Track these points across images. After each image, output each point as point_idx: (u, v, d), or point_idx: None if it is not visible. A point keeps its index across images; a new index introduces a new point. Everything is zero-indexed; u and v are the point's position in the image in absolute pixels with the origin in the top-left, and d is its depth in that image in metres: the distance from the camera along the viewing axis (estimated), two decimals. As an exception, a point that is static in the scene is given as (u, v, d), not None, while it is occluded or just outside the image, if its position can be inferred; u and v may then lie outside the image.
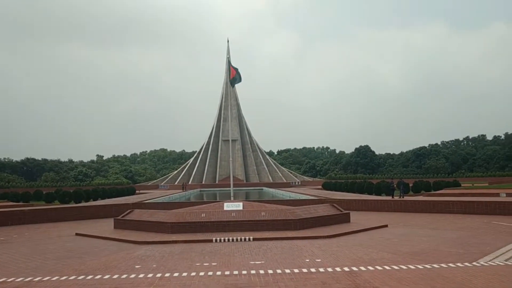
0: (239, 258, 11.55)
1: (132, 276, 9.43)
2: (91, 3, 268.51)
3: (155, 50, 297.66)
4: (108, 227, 19.88)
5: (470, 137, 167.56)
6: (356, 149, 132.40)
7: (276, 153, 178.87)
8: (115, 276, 9.42)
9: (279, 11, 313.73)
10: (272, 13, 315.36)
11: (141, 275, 9.44)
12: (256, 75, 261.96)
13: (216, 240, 14.64)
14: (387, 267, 9.99)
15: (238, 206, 18.60)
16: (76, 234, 17.62)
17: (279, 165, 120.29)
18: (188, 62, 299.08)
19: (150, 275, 9.42)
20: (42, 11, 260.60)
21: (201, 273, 9.56)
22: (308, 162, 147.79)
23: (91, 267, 10.67)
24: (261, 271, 9.66)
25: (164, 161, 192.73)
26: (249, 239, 14.78)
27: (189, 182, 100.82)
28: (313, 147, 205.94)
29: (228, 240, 14.69)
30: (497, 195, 33.41)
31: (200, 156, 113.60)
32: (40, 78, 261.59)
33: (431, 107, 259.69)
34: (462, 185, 57.05)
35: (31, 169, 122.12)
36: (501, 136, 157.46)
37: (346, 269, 9.77)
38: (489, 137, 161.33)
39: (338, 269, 9.78)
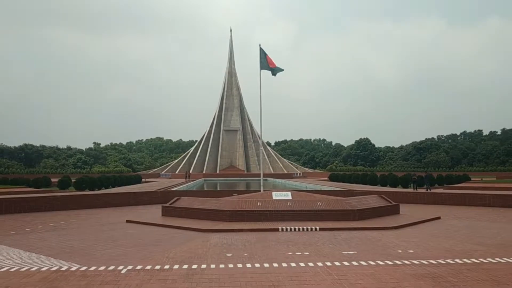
0: (328, 248, 11.23)
1: (240, 265, 9.09)
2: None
3: (148, 38, 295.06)
4: (152, 214, 19.50)
5: (467, 132, 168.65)
6: (356, 141, 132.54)
7: (273, 144, 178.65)
8: (222, 266, 9.05)
9: (275, 1, 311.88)
10: (268, 3, 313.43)
11: (248, 265, 9.09)
12: (251, 65, 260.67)
13: (282, 229, 14.31)
14: (492, 259, 9.72)
15: (287, 195, 18.27)
16: (127, 221, 17.18)
17: (280, 156, 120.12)
18: (183, 51, 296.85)
19: (257, 265, 9.07)
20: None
21: (310, 264, 9.21)
22: (308, 154, 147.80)
23: (181, 255, 10.28)
24: (363, 262, 9.34)
25: (161, 150, 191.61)
26: (315, 228, 14.47)
27: (190, 171, 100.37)
28: (310, 139, 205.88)
29: (295, 229, 14.36)
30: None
31: (201, 145, 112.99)
32: (34, 64, 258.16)
33: (426, 101, 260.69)
34: (471, 179, 57.14)
35: (29, 155, 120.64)
36: (497, 132, 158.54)
37: (457, 261, 9.49)
38: (486, 132, 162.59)
39: (450, 261, 9.50)
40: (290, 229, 14.36)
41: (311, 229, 14.44)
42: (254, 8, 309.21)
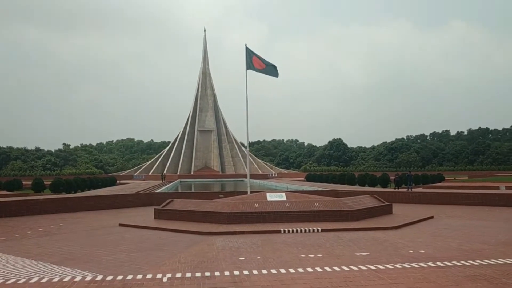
0: (339, 250, 11.11)
1: (258, 271, 8.83)
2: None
3: (118, 38, 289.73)
4: (143, 217, 18.98)
5: (435, 132, 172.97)
6: (329, 142, 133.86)
7: (247, 145, 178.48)
8: (245, 273, 8.77)
9: (247, 3, 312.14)
10: (240, 5, 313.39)
11: (264, 271, 8.78)
12: (222, 66, 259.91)
13: (284, 231, 14.12)
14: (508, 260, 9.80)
15: (281, 196, 18.12)
16: (120, 224, 16.64)
17: (255, 157, 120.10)
18: (155, 51, 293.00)
19: (273, 271, 8.78)
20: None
21: (328, 269, 8.98)
22: (282, 154, 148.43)
23: (192, 260, 9.95)
24: (382, 266, 9.25)
25: (132, 151, 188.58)
26: (317, 230, 14.35)
27: (164, 172, 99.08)
28: (283, 140, 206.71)
29: (297, 231, 14.20)
30: (497, 188, 34.31)
31: (175, 146, 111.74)
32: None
33: (394, 103, 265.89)
34: (445, 178, 58.53)
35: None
36: (464, 132, 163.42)
37: (487, 261, 9.51)
38: (453, 133, 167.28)
39: (480, 261, 9.50)
40: (292, 230, 14.19)
41: (313, 230, 14.31)
42: (226, 9, 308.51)
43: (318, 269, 8.78)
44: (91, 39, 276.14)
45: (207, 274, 8.43)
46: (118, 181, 67.56)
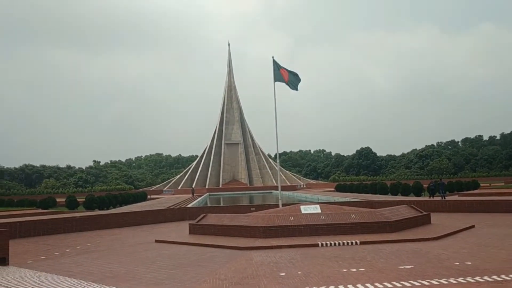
0: (381, 263, 10.79)
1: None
2: (77, 7, 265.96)
3: (144, 54, 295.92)
4: (177, 232, 19.02)
5: (467, 138, 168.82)
6: (357, 151, 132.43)
7: (274, 156, 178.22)
8: None
9: (271, 14, 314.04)
10: (264, 17, 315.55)
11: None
12: (246, 78, 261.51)
13: (322, 245, 13.86)
14: None
15: (316, 209, 17.84)
16: (156, 241, 16.69)
17: (282, 168, 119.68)
18: (180, 67, 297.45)
19: (323, 287, 8.59)
20: (27, 15, 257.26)
21: (368, 285, 8.75)
22: (309, 165, 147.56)
23: (233, 276, 9.82)
24: (435, 281, 8.90)
25: (161, 166, 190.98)
26: (356, 242, 14.03)
27: (193, 186, 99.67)
28: (310, 150, 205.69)
29: (334, 244, 13.92)
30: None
31: (203, 160, 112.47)
32: (31, 84, 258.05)
33: (423, 109, 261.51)
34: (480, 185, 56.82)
35: (30, 175, 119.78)
36: (496, 136, 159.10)
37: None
38: (485, 138, 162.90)
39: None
40: (330, 244, 13.91)
41: (351, 243, 14.00)
42: (250, 22, 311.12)
43: (369, 286, 8.49)
44: (118, 58, 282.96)
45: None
46: (148, 196, 68.43)
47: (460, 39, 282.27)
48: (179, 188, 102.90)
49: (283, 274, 9.94)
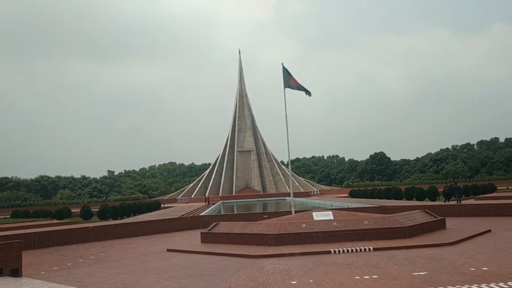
0: (394, 270, 10.60)
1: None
2: (88, 17, 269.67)
3: (157, 63, 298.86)
4: (190, 241, 18.99)
5: (483, 140, 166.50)
6: (371, 156, 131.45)
7: (286, 163, 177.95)
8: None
9: (281, 20, 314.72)
10: (275, 23, 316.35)
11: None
12: (258, 84, 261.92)
13: (335, 251, 13.69)
14: None
15: (328, 215, 17.67)
16: (168, 250, 16.67)
17: (295, 175, 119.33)
18: (191, 75, 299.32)
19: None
20: (41, 26, 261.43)
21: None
22: (322, 171, 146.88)
23: (244, 285, 9.73)
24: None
25: (174, 175, 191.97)
26: (369, 249, 13.83)
27: (206, 194, 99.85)
28: (323, 156, 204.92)
29: (347, 251, 13.74)
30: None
31: (216, 168, 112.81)
32: (44, 94, 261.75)
33: (436, 112, 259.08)
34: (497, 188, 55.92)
35: (45, 186, 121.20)
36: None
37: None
38: (502, 140, 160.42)
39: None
40: (343, 250, 13.74)
41: (365, 249, 13.81)
42: (259, 28, 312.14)
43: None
44: (131, 67, 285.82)
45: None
46: (162, 205, 68.70)
47: (473, 40, 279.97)
48: (192, 196, 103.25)
49: (295, 282, 9.82)
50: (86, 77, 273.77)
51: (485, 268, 10.20)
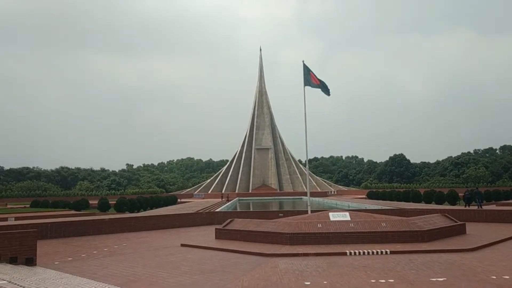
0: (412, 275, 10.29)
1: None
2: (112, 12, 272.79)
3: (176, 60, 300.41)
4: (204, 237, 18.90)
5: (506, 145, 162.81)
6: (390, 157, 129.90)
7: (304, 162, 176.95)
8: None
9: (303, 20, 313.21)
10: (297, 22, 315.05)
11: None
12: (278, 83, 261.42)
13: (350, 253, 13.41)
14: None
15: (345, 216, 17.37)
16: (182, 245, 16.60)
17: (313, 174, 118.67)
18: (212, 71, 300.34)
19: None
20: (62, 19, 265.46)
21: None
22: (341, 171, 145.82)
23: (256, 284, 9.55)
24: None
25: (192, 170, 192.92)
26: (386, 252, 13.52)
27: (223, 191, 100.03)
28: (341, 156, 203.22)
29: (364, 253, 13.45)
30: None
31: (233, 164, 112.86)
32: (66, 88, 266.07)
33: (459, 115, 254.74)
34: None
35: (65, 178, 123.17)
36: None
37: None
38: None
39: None
40: (359, 252, 13.46)
41: (381, 252, 13.50)
42: (280, 26, 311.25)
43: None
44: (153, 63, 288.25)
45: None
46: (179, 200, 69.02)
47: (498, 41, 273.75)
48: (209, 192, 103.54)
49: (308, 283, 9.61)
50: (109, 71, 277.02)
51: (507, 277, 9.84)
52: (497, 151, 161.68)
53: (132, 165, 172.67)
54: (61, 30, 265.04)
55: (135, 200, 43.84)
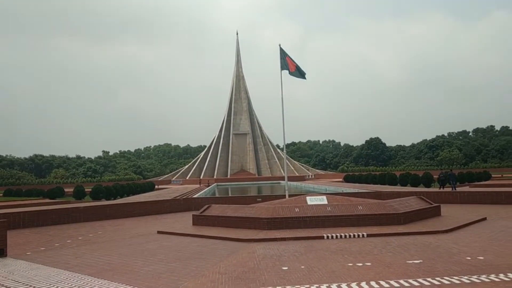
0: (388, 257, 10.34)
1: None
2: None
3: (153, 45, 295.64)
4: (181, 223, 18.70)
5: (478, 128, 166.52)
6: (366, 141, 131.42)
7: (282, 147, 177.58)
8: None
9: (282, 4, 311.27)
10: (273, 5, 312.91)
11: (315, 286, 8.20)
12: (256, 68, 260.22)
13: (327, 237, 13.43)
14: None
15: (322, 200, 17.42)
16: (158, 232, 16.38)
17: (291, 159, 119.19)
18: (188, 56, 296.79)
19: (326, 284, 8.21)
20: (36, 5, 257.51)
21: (373, 283, 8.34)
22: (318, 155, 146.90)
23: (233, 270, 9.46)
24: (446, 281, 8.44)
25: (169, 156, 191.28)
26: (362, 235, 13.58)
27: (201, 177, 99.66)
28: (318, 140, 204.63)
29: (340, 236, 13.49)
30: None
31: (211, 150, 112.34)
32: (40, 74, 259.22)
33: (433, 99, 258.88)
34: (492, 176, 55.94)
35: (39, 165, 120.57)
36: (509, 127, 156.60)
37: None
38: (497, 128, 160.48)
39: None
40: (336, 236, 13.49)
41: (358, 235, 13.56)
42: (260, 11, 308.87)
43: (374, 285, 8.00)
44: (127, 47, 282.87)
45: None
46: (156, 186, 68.44)
47: (473, 27, 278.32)
48: (187, 178, 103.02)
49: (286, 268, 9.55)
50: (81, 59, 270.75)
51: (481, 257, 9.96)
52: (470, 134, 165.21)
53: (108, 152, 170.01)
54: (35, 15, 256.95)
55: (111, 187, 43.18)
